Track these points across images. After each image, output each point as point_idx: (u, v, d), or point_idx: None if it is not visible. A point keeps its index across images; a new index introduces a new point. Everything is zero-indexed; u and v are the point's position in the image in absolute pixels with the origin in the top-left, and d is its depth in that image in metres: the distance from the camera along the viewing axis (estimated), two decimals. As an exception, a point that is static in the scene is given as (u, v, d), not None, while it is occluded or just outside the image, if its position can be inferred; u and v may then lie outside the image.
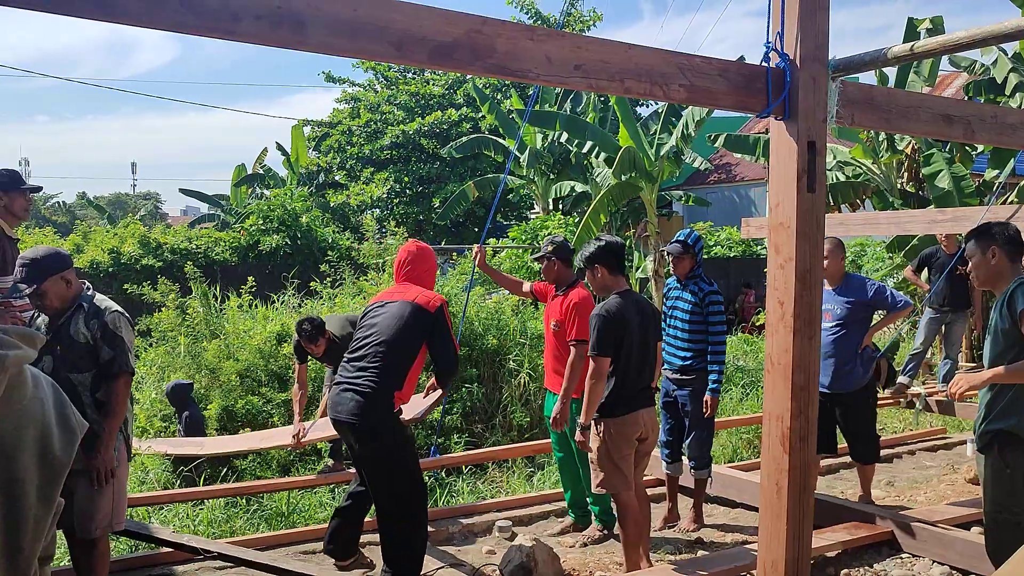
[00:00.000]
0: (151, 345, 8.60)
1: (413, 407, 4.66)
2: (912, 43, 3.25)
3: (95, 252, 13.60)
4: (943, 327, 8.23)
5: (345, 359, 4.13)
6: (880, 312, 5.49)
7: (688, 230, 5.37)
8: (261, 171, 24.80)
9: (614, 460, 4.23)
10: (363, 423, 3.93)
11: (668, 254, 5.24)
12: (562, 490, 5.51)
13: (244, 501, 5.78)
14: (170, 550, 4.61)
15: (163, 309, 8.70)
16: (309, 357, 6.12)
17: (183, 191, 36.16)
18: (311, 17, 2.48)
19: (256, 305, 9.69)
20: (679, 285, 5.29)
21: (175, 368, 7.93)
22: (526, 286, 5.61)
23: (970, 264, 3.72)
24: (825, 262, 5.16)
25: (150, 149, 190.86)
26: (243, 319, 8.88)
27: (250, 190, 24.43)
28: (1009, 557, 3.43)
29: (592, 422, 4.22)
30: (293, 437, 5.94)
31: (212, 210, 27.29)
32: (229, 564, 4.57)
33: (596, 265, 4.35)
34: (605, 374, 4.14)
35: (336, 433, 6.18)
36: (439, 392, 4.46)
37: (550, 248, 5.10)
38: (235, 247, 14.75)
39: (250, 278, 9.64)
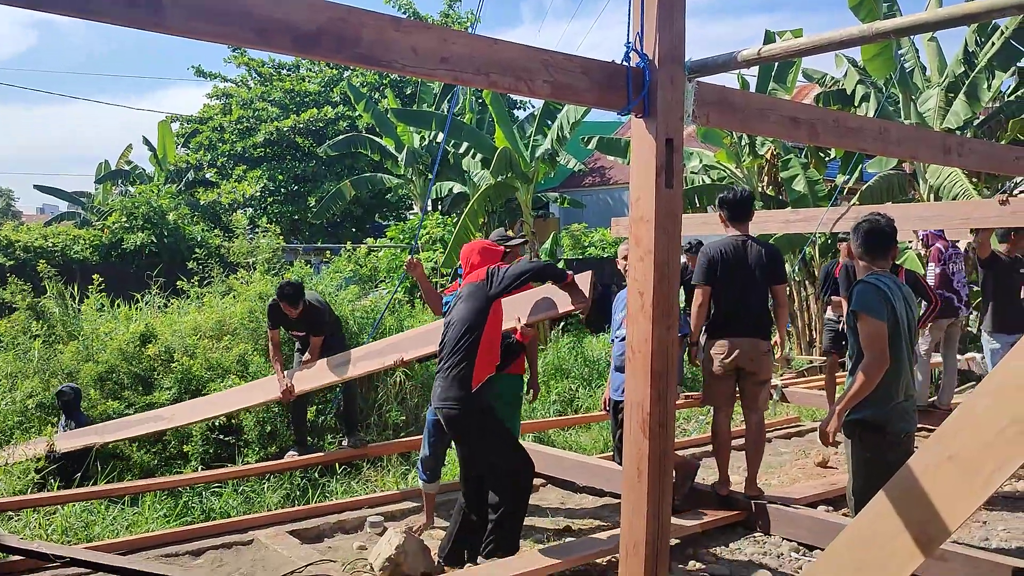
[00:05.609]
0: (-2, 350, 8.06)
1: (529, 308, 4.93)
2: (759, 47, 3.45)
3: (-66, 249, 12.69)
4: None
5: (440, 356, 4.43)
6: None
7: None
8: (126, 167, 23.68)
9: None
10: (451, 403, 4.28)
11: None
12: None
13: (103, 507, 5.52)
14: (19, 558, 4.33)
15: (13, 311, 8.20)
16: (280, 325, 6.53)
17: (39, 187, 33.86)
18: (170, -3, 2.42)
19: (118, 305, 9.26)
20: None
21: (26, 375, 7.48)
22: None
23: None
24: None
25: (2, 143, 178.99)
26: (104, 320, 8.47)
27: (114, 187, 23.28)
28: None
29: None
30: (283, 392, 6.12)
31: (72, 208, 25.89)
32: (86, 571, 4.36)
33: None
34: None
35: (321, 383, 6.39)
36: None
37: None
38: (96, 245, 14.03)
39: (95, 276, 9.18)
